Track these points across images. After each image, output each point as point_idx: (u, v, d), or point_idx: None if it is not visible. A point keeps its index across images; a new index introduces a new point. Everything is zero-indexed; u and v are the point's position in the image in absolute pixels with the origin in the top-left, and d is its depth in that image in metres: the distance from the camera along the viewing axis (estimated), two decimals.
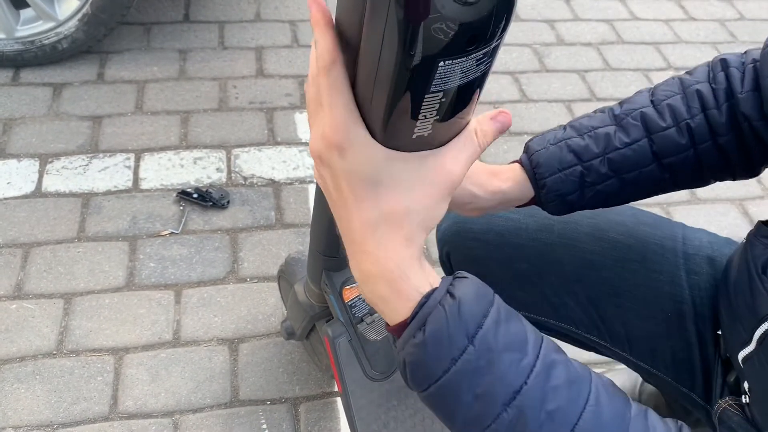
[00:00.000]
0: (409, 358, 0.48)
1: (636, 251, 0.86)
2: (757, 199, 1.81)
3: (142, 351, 1.31)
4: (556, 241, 0.88)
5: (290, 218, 1.58)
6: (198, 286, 1.42)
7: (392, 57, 0.40)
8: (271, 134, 1.78)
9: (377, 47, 0.40)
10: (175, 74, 1.90)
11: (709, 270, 0.84)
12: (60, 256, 1.43)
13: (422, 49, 0.39)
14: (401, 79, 0.40)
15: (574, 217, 0.89)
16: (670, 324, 0.84)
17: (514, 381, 0.47)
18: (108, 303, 1.37)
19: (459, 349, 0.47)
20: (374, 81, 0.43)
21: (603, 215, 0.89)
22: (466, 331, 0.47)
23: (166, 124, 1.76)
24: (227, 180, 1.64)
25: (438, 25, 0.38)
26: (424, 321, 0.47)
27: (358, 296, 1.03)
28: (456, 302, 0.47)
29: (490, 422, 0.47)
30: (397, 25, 0.38)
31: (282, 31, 2.10)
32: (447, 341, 0.47)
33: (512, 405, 0.46)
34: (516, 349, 0.47)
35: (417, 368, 0.48)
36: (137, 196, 1.57)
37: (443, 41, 0.38)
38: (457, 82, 0.42)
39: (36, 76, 1.82)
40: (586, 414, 0.47)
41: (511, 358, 0.47)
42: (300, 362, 1.33)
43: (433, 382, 0.48)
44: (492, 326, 0.47)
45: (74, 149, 1.66)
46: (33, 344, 1.29)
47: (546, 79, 2.09)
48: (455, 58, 0.40)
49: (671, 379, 0.86)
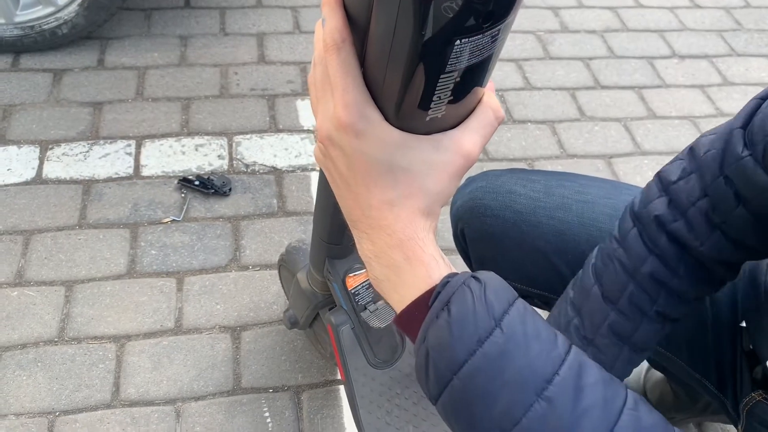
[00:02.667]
0: (432, 345, 0.44)
1: None
2: None
3: (143, 338, 1.30)
4: (573, 220, 0.87)
5: (292, 206, 1.57)
6: (200, 274, 1.41)
7: (407, 37, 0.39)
8: (272, 121, 1.76)
9: (390, 27, 0.40)
10: (176, 60, 1.88)
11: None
12: (61, 243, 1.42)
13: (438, 27, 0.38)
14: (416, 59, 0.40)
15: (591, 197, 0.89)
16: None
17: (545, 370, 0.42)
18: (109, 290, 1.36)
19: (486, 330, 0.43)
20: (387, 62, 0.42)
21: (620, 196, 0.89)
22: (493, 313, 0.43)
23: (167, 111, 1.74)
24: (229, 167, 1.63)
25: (451, 4, 0.37)
26: (448, 300, 0.44)
27: (361, 284, 1.03)
28: (482, 285, 0.45)
29: (520, 416, 0.42)
30: (413, 4, 0.37)
31: (283, 17, 2.08)
32: (473, 322, 0.43)
33: (544, 396, 0.42)
34: (545, 340, 0.44)
35: (440, 355, 0.44)
36: (138, 183, 1.56)
37: (459, 18, 0.37)
38: (473, 61, 0.41)
39: (36, 62, 1.81)
40: (625, 416, 0.42)
41: (541, 347, 0.43)
42: (302, 350, 1.32)
43: (457, 370, 0.43)
44: (519, 314, 0.44)
45: (75, 136, 1.65)
46: (34, 331, 1.28)
47: (550, 67, 2.07)
48: (471, 36, 0.39)
49: (684, 363, 0.86)
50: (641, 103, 2.00)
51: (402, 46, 0.40)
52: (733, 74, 2.15)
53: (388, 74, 0.42)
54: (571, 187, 0.91)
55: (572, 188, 0.91)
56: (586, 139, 1.86)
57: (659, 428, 0.43)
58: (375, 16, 0.41)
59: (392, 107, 0.44)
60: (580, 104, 1.96)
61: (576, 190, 0.90)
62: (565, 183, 0.92)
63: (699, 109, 2.01)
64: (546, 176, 0.93)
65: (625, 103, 1.99)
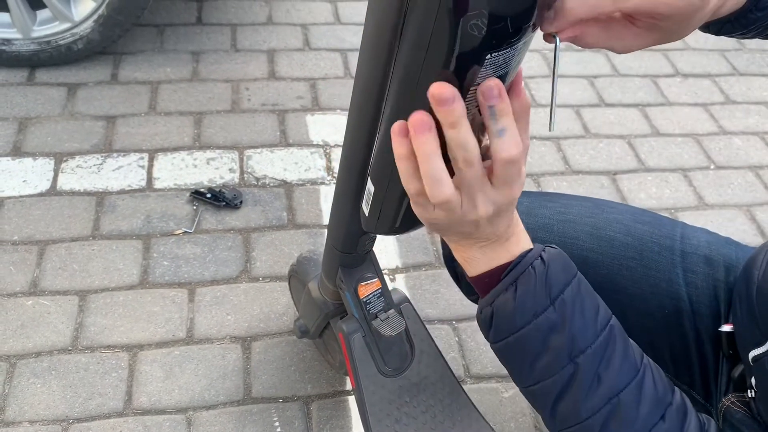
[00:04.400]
0: (498, 309, 0.58)
1: (633, 248, 0.88)
2: (765, 204, 1.82)
3: (155, 348, 1.32)
4: (556, 240, 0.89)
5: (302, 219, 1.60)
6: (211, 285, 1.44)
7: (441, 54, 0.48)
8: (283, 136, 1.79)
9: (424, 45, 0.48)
10: (188, 75, 1.92)
11: (706, 269, 0.85)
12: (75, 254, 1.45)
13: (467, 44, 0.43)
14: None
15: (572, 217, 0.91)
16: (668, 320, 0.85)
17: (581, 343, 0.57)
18: (122, 300, 1.38)
19: (542, 307, 0.56)
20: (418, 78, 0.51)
21: (601, 215, 0.91)
22: (550, 293, 0.57)
23: (180, 125, 1.77)
24: (240, 180, 1.66)
25: (477, 22, 0.41)
26: (516, 278, 0.57)
27: (373, 292, 1.04)
28: (545, 267, 0.57)
29: (554, 372, 0.57)
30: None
31: (293, 34, 2.12)
32: (532, 300, 0.57)
33: (575, 360, 0.57)
34: (588, 318, 0.58)
35: (503, 319, 0.58)
36: (151, 196, 1.59)
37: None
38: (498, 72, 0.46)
39: (51, 76, 1.85)
40: (630, 389, 0.57)
41: (582, 324, 0.57)
42: (312, 361, 1.34)
43: (514, 332, 0.58)
44: (571, 295, 0.57)
45: (88, 149, 1.68)
46: (49, 340, 1.30)
47: None
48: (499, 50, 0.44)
49: (672, 376, 0.87)
50: (645, 121, 2.03)
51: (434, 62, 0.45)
52: (735, 93, 2.18)
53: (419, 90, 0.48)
54: (553, 207, 0.93)
55: (554, 208, 0.93)
56: (590, 156, 1.88)
57: (657, 402, 0.58)
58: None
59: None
60: (585, 121, 1.99)
61: (558, 210, 0.92)
62: (547, 204, 0.93)
63: (702, 127, 2.04)
64: (529, 197, 0.95)
65: (629, 121, 2.02)
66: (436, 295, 1.49)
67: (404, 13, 0.50)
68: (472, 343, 1.41)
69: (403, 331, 1.04)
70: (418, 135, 0.50)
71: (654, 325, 0.86)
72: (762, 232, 1.74)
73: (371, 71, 0.65)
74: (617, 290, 0.87)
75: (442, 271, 1.52)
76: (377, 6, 0.58)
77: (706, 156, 1.95)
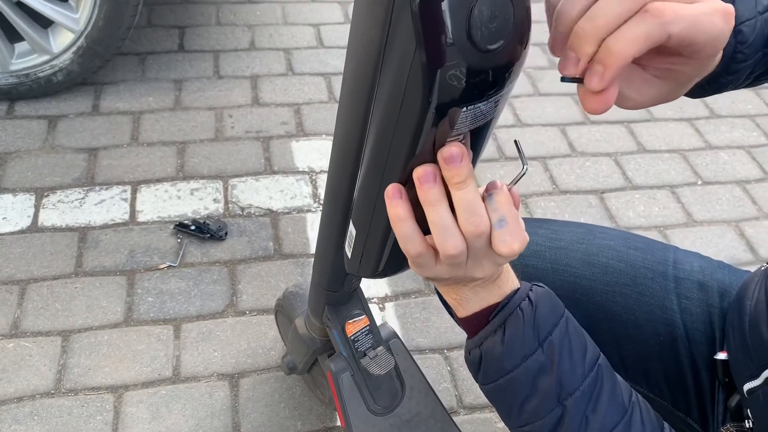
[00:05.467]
0: (486, 352, 0.59)
1: (626, 275, 0.87)
2: (752, 219, 1.82)
3: (141, 388, 1.29)
4: (548, 267, 0.89)
5: (288, 248, 1.58)
6: (197, 320, 1.41)
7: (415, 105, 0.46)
8: (267, 163, 1.78)
9: (399, 97, 0.48)
10: (170, 104, 1.90)
11: (700, 295, 0.84)
12: (57, 292, 1.42)
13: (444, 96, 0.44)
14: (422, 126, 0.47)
15: (564, 243, 0.90)
16: (663, 347, 0.84)
17: (569, 385, 0.57)
18: (107, 339, 1.35)
19: (531, 349, 0.57)
20: (394, 131, 0.50)
21: (593, 240, 0.90)
22: (538, 335, 0.57)
23: (162, 155, 1.75)
24: (224, 211, 1.64)
25: (456, 72, 0.41)
26: (505, 320, 0.57)
27: (360, 330, 1.03)
28: (533, 309, 0.57)
29: (543, 415, 0.57)
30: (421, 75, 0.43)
31: (276, 60, 2.11)
32: (521, 342, 0.57)
33: (563, 403, 0.57)
34: (576, 358, 0.58)
35: (491, 363, 0.59)
36: (134, 229, 1.56)
37: (460, 89, 0.42)
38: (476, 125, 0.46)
39: (31, 108, 1.82)
40: (617, 430, 0.57)
41: (570, 365, 0.57)
42: (301, 396, 1.31)
43: (503, 375, 0.58)
44: (559, 336, 0.57)
45: (70, 182, 1.65)
46: (31, 384, 1.27)
47: (540, 103, 2.10)
48: (474, 104, 0.43)
49: (668, 403, 0.86)
50: (631, 138, 2.03)
51: (409, 113, 0.45)
52: (719, 107, 2.19)
53: (395, 141, 0.47)
54: (544, 234, 0.92)
55: (545, 235, 0.91)
56: (577, 175, 1.88)
57: (651, 429, 0.58)
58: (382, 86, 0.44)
59: (399, 170, 0.49)
60: (571, 140, 1.99)
61: (549, 237, 0.91)
62: (537, 230, 0.92)
63: (688, 142, 2.04)
64: None
65: (615, 138, 2.02)
66: (426, 323, 1.47)
67: (380, 65, 0.49)
68: (464, 373, 1.39)
69: (392, 369, 1.02)
70: (423, 185, 0.49)
71: (649, 353, 0.85)
72: (751, 247, 1.73)
73: (351, 118, 0.64)
74: (611, 318, 0.86)
75: (432, 299, 1.51)
76: (355, 55, 0.57)
77: (693, 172, 1.94)
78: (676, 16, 0.41)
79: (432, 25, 0.42)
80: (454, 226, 0.50)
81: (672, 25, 0.41)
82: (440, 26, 0.42)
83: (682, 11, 0.41)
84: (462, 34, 0.42)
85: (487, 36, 0.43)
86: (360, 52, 0.56)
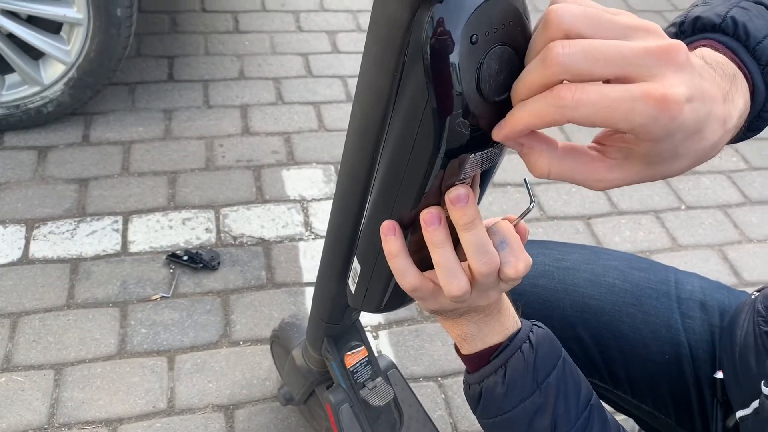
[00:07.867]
0: (487, 390, 0.61)
1: (632, 295, 0.89)
2: (735, 243, 1.86)
3: (136, 421, 1.28)
4: (557, 287, 0.90)
5: (281, 277, 1.58)
6: (191, 351, 1.41)
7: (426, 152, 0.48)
8: (259, 192, 1.79)
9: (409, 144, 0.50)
10: (161, 134, 1.91)
11: (702, 315, 0.87)
12: (49, 325, 1.41)
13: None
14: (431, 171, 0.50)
15: (571, 263, 0.91)
16: (669, 366, 0.86)
17: (563, 426, 0.60)
18: (100, 372, 1.35)
19: (529, 392, 0.59)
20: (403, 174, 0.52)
21: (598, 261, 0.92)
22: (537, 378, 0.59)
23: (154, 185, 1.76)
24: (217, 240, 1.64)
25: (462, 120, 0.43)
26: (506, 361, 0.59)
27: (359, 361, 1.03)
28: (533, 352, 0.59)
29: None
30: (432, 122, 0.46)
31: (266, 89, 2.13)
32: (521, 384, 0.59)
33: None
34: (571, 400, 0.61)
35: (491, 401, 0.61)
36: (126, 260, 1.56)
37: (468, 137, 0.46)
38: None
39: (20, 139, 1.82)
40: None
41: (565, 407, 0.60)
42: (297, 427, 1.31)
43: (501, 414, 0.61)
44: (556, 379, 0.60)
45: (61, 213, 1.65)
46: (23, 419, 1.26)
47: None
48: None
49: (673, 422, 0.88)
50: None
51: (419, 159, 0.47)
52: None
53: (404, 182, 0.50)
54: (551, 254, 0.94)
55: (552, 255, 0.93)
56: (564, 201, 1.91)
57: None
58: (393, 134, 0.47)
59: (407, 210, 0.52)
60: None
61: (556, 257, 0.93)
62: (544, 251, 0.94)
63: None
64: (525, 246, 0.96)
65: None
66: (420, 351, 1.48)
67: (391, 108, 0.51)
68: (458, 400, 1.40)
69: (391, 399, 1.03)
70: (429, 227, 0.50)
71: (656, 371, 0.87)
72: (735, 271, 1.77)
73: (358, 157, 0.65)
74: (619, 337, 0.88)
75: (425, 326, 1.52)
76: (364, 98, 0.59)
77: (677, 196, 1.99)
78: (578, 102, 0.37)
79: (443, 78, 0.44)
80: (458, 267, 0.51)
81: (571, 110, 0.37)
82: (451, 80, 0.44)
83: (589, 96, 0.37)
84: (472, 87, 0.44)
85: (495, 88, 0.45)
86: (369, 96, 0.58)
